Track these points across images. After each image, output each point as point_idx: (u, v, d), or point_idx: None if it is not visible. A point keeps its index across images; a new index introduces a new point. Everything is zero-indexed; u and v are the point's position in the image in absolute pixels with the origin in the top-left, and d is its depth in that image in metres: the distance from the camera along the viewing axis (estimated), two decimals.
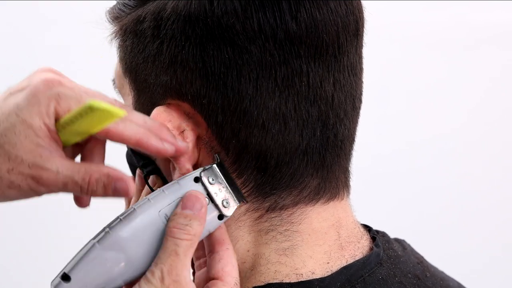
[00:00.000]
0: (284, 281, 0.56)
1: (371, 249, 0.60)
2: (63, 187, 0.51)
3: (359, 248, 0.60)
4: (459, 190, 1.66)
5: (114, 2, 0.61)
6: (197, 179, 0.54)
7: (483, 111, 1.69)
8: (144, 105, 0.59)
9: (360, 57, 0.59)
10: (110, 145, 0.56)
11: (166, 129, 0.54)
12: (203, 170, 0.54)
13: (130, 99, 0.61)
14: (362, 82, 0.60)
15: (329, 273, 0.56)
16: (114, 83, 0.64)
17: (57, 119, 0.51)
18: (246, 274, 0.57)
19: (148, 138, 0.53)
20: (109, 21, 0.61)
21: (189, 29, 0.54)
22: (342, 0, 0.56)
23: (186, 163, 0.56)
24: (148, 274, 0.51)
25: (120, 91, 0.63)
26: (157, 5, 0.56)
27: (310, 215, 0.57)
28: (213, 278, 0.54)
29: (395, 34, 1.61)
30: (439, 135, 1.67)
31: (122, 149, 0.66)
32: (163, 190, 0.54)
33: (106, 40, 0.61)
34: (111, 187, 0.51)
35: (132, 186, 0.52)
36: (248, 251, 0.57)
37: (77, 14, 1.32)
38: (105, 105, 0.45)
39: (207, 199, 0.54)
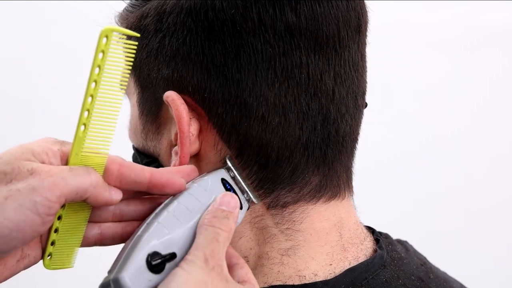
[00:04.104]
0: (287, 283, 0.55)
1: (374, 251, 0.60)
2: None
3: (362, 249, 0.59)
4: (461, 191, 1.66)
5: (119, 2, 0.62)
6: (224, 180, 0.55)
7: (486, 112, 1.69)
8: (147, 100, 0.59)
9: (362, 55, 0.59)
10: (113, 144, 0.56)
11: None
12: (227, 170, 0.56)
13: (134, 98, 0.61)
14: (365, 81, 0.60)
15: (332, 275, 0.56)
16: None
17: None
18: None
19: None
20: (118, 25, 0.62)
21: (191, 21, 0.54)
22: None
23: (188, 154, 0.56)
24: (189, 256, 0.49)
25: (125, 90, 0.64)
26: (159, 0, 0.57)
27: (312, 214, 0.57)
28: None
29: (397, 33, 1.61)
30: (440, 136, 1.66)
31: (126, 148, 0.66)
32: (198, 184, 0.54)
33: None
34: None
35: None
36: (251, 249, 0.57)
37: (79, 14, 1.33)
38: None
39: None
